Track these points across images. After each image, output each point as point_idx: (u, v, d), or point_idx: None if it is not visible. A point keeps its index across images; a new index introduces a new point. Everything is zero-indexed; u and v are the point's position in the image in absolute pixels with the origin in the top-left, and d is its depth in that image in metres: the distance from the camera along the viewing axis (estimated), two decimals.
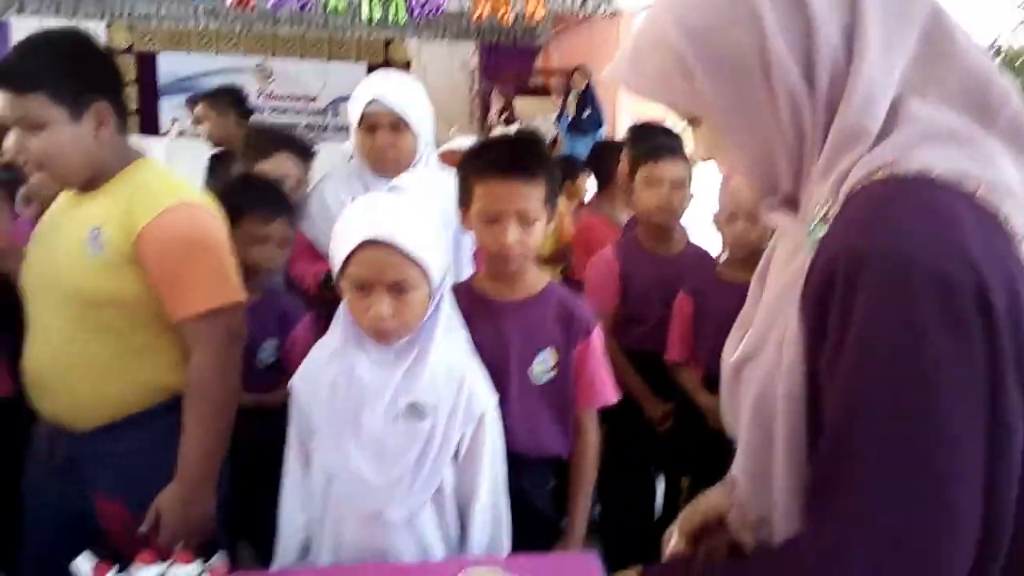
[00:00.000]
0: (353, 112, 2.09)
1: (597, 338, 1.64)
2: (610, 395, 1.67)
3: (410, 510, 1.38)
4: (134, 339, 1.55)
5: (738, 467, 0.89)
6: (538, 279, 1.65)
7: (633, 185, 2.32)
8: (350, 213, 1.39)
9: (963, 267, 0.66)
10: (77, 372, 1.53)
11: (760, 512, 0.86)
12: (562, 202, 3.21)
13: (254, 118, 3.99)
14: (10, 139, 1.48)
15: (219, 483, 1.56)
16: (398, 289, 1.33)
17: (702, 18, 0.80)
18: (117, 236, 1.49)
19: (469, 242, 2.02)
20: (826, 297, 0.72)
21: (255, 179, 2.14)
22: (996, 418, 0.67)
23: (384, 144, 2.05)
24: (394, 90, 2.06)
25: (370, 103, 2.03)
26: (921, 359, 0.66)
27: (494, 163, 1.54)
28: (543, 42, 10.38)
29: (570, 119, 7.55)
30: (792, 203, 0.85)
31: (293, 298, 2.13)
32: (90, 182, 1.55)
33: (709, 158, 0.92)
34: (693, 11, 0.80)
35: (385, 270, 1.32)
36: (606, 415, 2.26)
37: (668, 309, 2.20)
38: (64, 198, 1.65)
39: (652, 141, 2.43)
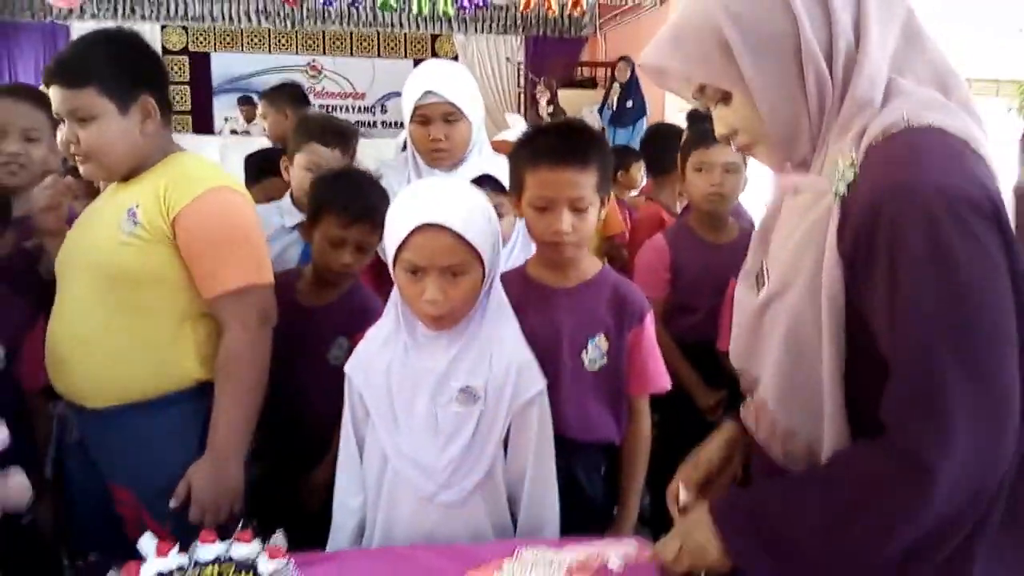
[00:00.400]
0: (406, 106, 2.08)
1: (650, 324, 1.64)
2: (663, 382, 1.67)
3: (462, 493, 1.40)
4: (157, 323, 1.58)
5: (766, 391, 1.03)
6: (591, 265, 1.65)
7: (684, 172, 2.30)
8: (404, 199, 1.41)
9: (980, 189, 0.85)
10: (94, 348, 1.58)
11: (789, 428, 1.01)
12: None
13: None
14: (61, 132, 1.56)
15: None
16: (451, 273, 1.34)
17: (746, 7, 0.94)
18: (153, 214, 1.55)
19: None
20: (872, 229, 0.87)
21: (345, 177, 1.97)
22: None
23: (438, 136, 2.04)
24: (445, 81, 2.06)
25: (423, 96, 2.03)
26: (974, 267, 0.83)
27: (547, 150, 1.54)
28: (589, 34, 10.33)
29: (613, 110, 7.50)
30: (804, 164, 1.01)
31: (372, 296, 1.98)
32: (132, 172, 1.62)
33: (731, 134, 1.04)
34: (736, 1, 0.94)
35: (439, 254, 1.33)
36: (657, 404, 2.25)
37: (720, 298, 2.16)
38: (107, 190, 1.72)
39: (703, 126, 2.39)
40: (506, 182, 1.64)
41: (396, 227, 1.36)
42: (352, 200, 1.83)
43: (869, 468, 0.91)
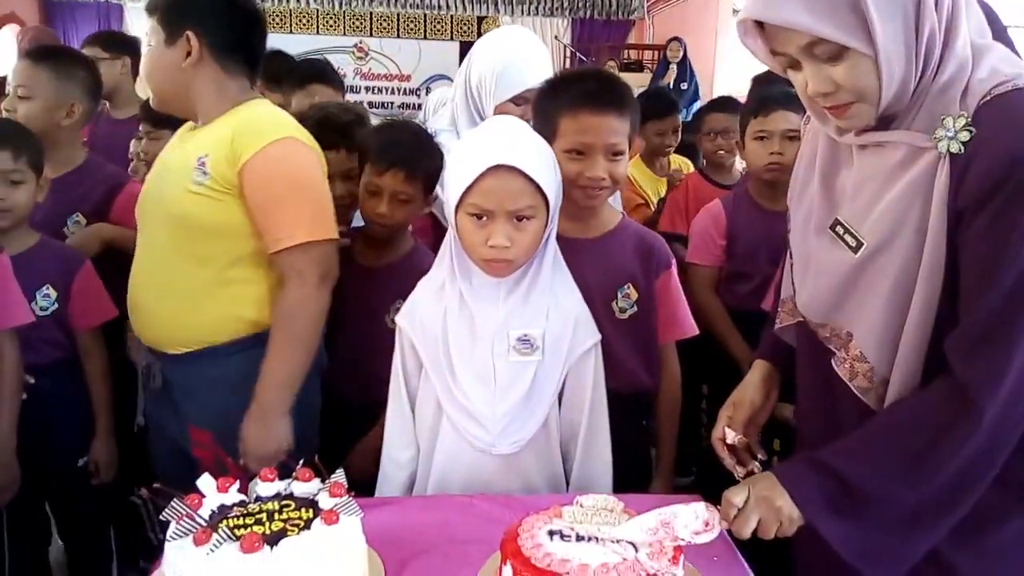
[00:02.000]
0: (509, 87, 2.01)
1: (675, 271, 1.66)
2: (690, 327, 1.69)
3: (518, 445, 1.39)
4: (225, 271, 1.60)
5: (865, 343, 1.08)
6: (612, 215, 1.66)
7: (743, 140, 2.26)
8: (469, 141, 1.39)
9: None
10: (169, 297, 1.62)
11: (884, 375, 1.06)
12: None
13: (350, 96, 4.02)
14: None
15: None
16: (518, 218, 1.32)
17: None
18: (222, 165, 1.55)
19: None
20: (1001, 184, 0.92)
21: (390, 128, 1.93)
22: None
23: (528, 116, 1.99)
24: (550, 71, 2.03)
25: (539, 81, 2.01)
26: None
27: (585, 96, 1.53)
28: (637, 17, 10.24)
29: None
30: (883, 121, 1.04)
31: (432, 257, 1.87)
32: (196, 115, 1.66)
33: (832, 92, 1.02)
34: None
35: (509, 197, 1.30)
36: (707, 376, 2.23)
37: (775, 267, 2.13)
38: (176, 136, 1.76)
39: (765, 91, 2.34)
40: None
41: (463, 169, 1.33)
42: (388, 148, 1.79)
43: (926, 406, 1.01)
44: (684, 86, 7.38)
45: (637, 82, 8.65)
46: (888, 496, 1.01)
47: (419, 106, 10.51)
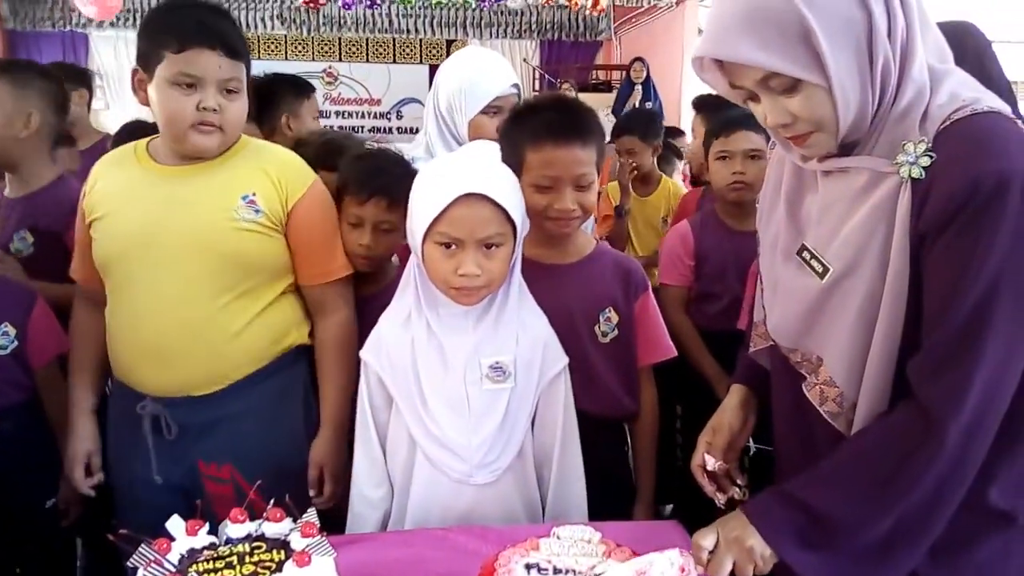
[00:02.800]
0: (478, 98, 2.00)
1: (651, 293, 1.67)
2: (669, 348, 1.69)
3: (496, 473, 1.38)
4: (265, 303, 1.61)
5: (834, 369, 1.08)
6: (587, 240, 1.66)
7: (707, 161, 2.29)
8: (435, 170, 1.38)
9: None
10: (206, 336, 1.55)
11: (854, 400, 1.07)
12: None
13: (320, 121, 4.01)
14: (207, 97, 1.50)
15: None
16: (488, 246, 1.32)
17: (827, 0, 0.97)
18: (273, 203, 1.58)
19: None
20: (962, 207, 0.93)
21: (366, 157, 1.87)
22: None
23: None
24: (515, 76, 2.07)
25: (509, 87, 2.01)
26: None
27: (548, 128, 1.51)
28: (604, 38, 10.35)
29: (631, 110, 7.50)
30: (845, 147, 1.06)
31: None
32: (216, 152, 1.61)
33: (791, 122, 1.04)
34: None
35: (479, 225, 1.30)
36: (679, 395, 2.24)
37: (744, 287, 2.15)
38: (141, 171, 1.60)
39: (723, 114, 2.36)
40: None
41: (430, 199, 1.32)
42: (369, 177, 1.75)
43: (890, 430, 1.02)
44: (648, 104, 7.46)
45: (606, 102, 8.73)
46: (857, 523, 1.01)
47: (390, 129, 10.53)
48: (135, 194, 1.59)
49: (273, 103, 3.02)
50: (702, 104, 3.16)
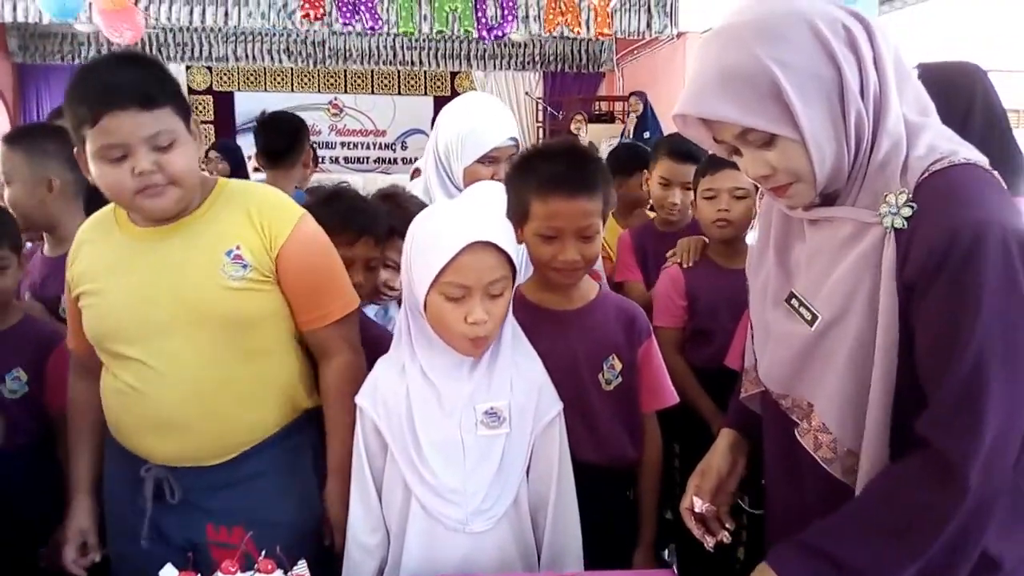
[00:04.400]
0: (477, 147, 2.02)
1: (654, 339, 1.66)
2: (672, 395, 1.69)
3: (493, 520, 1.37)
4: (271, 359, 1.54)
5: (827, 415, 1.10)
6: (590, 286, 1.66)
7: (695, 200, 2.31)
8: (436, 221, 1.37)
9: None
10: (217, 405, 1.48)
11: (849, 447, 1.08)
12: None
13: (326, 152, 4.12)
14: (139, 161, 1.37)
15: None
16: (493, 292, 1.32)
17: (794, 56, 1.01)
18: (259, 253, 1.48)
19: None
20: (944, 259, 0.96)
21: (338, 197, 1.83)
22: None
23: (501, 176, 1.98)
24: (515, 129, 2.09)
25: (507, 140, 2.03)
26: None
27: (554, 180, 1.50)
28: (607, 69, 10.43)
29: (630, 139, 7.57)
30: (828, 197, 1.10)
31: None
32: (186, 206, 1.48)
33: (770, 175, 1.09)
34: (787, 51, 1.01)
35: (486, 272, 1.31)
36: (676, 434, 2.24)
37: (736, 324, 2.16)
38: (123, 238, 1.52)
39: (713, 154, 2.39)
40: None
41: (436, 249, 1.30)
42: (351, 218, 1.73)
43: (909, 479, 1.03)
44: (647, 135, 7.54)
45: (608, 133, 8.79)
46: (882, 572, 1.03)
47: (395, 160, 10.61)
48: (120, 266, 1.50)
49: (300, 141, 3.11)
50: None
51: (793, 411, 1.17)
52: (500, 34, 5.78)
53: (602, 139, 8.46)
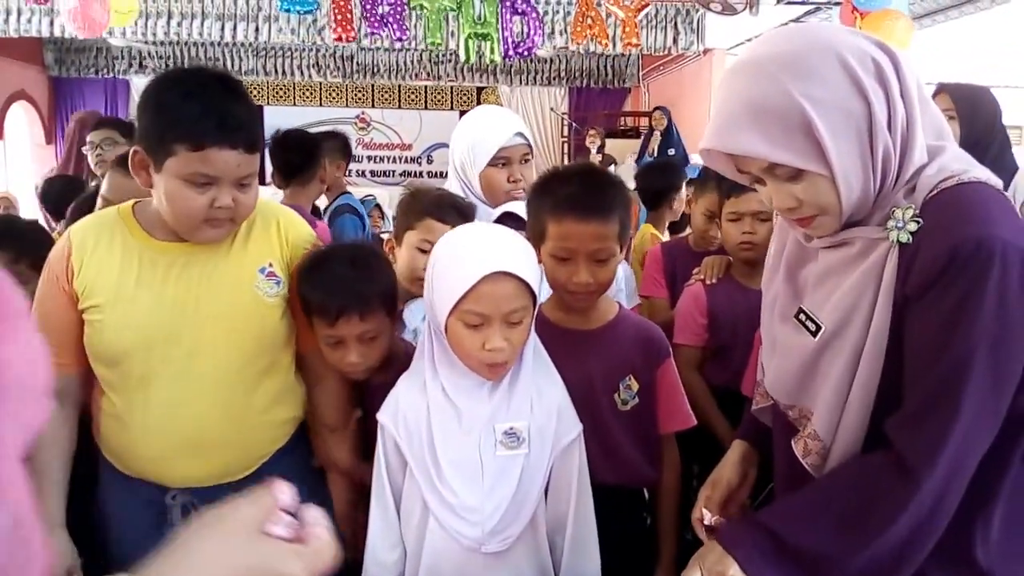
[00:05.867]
0: (485, 150, 2.02)
1: (672, 360, 1.66)
2: (690, 417, 1.68)
3: (509, 541, 1.37)
4: (283, 371, 1.57)
5: (820, 423, 1.11)
6: (609, 306, 1.66)
7: (720, 221, 2.31)
8: (459, 249, 1.37)
9: None
10: (246, 418, 1.50)
11: (839, 455, 1.10)
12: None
13: (353, 165, 4.19)
14: (222, 196, 1.39)
15: None
16: (512, 320, 1.33)
17: (825, 91, 1.00)
18: (285, 270, 1.52)
19: None
20: (945, 271, 0.97)
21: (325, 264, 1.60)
22: None
23: (517, 176, 2.03)
24: (522, 123, 2.10)
25: (512, 137, 2.03)
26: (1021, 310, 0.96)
27: (569, 202, 1.51)
28: (632, 85, 10.44)
29: (653, 157, 7.56)
30: (848, 224, 1.10)
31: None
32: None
33: (796, 207, 1.09)
34: (818, 87, 1.00)
35: (504, 301, 1.31)
36: (696, 455, 2.23)
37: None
38: (140, 248, 1.47)
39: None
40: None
41: (455, 278, 1.31)
42: (330, 295, 1.54)
43: (863, 471, 1.06)
44: (671, 151, 7.52)
45: (633, 148, 8.80)
46: (829, 555, 1.04)
47: (421, 174, 10.68)
48: (144, 278, 1.45)
49: (316, 157, 3.16)
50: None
51: (799, 421, 1.18)
52: (527, 50, 5.80)
53: (626, 154, 8.47)
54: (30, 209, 5.21)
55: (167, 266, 1.47)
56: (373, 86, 10.52)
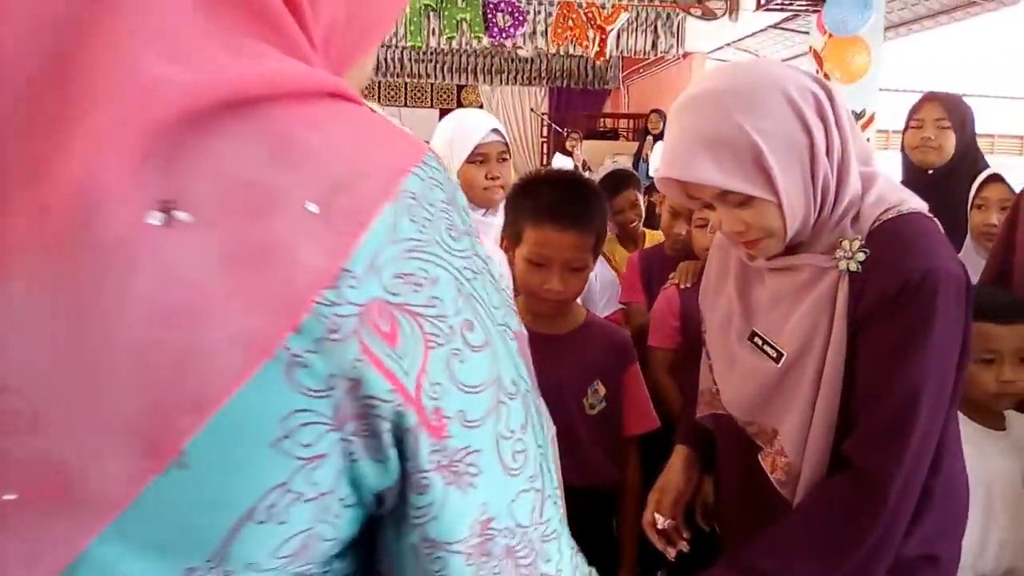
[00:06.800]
0: (462, 148, 2.04)
1: (637, 364, 1.71)
2: (654, 421, 1.72)
3: None
4: None
5: (786, 441, 1.18)
6: (579, 311, 1.69)
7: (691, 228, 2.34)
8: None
9: (964, 269, 1.10)
10: None
11: (799, 469, 1.17)
12: None
13: None
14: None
15: None
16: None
17: (772, 124, 1.08)
18: None
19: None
20: (895, 300, 1.07)
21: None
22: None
23: (495, 174, 2.04)
24: (497, 122, 2.12)
25: (488, 134, 2.03)
26: (959, 334, 1.09)
27: (551, 209, 1.54)
28: (612, 87, 10.50)
29: (647, 163, 7.59)
30: (789, 247, 1.18)
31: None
32: None
33: (744, 231, 1.16)
34: (766, 120, 1.08)
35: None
36: (666, 456, 2.26)
37: None
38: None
39: None
40: None
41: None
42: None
43: (834, 496, 1.13)
44: None
45: (612, 150, 8.85)
46: None
47: None
48: None
49: None
50: None
51: (759, 436, 1.25)
52: (509, 35, 5.79)
53: (606, 156, 8.51)
54: None
55: None
56: None
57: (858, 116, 4.82)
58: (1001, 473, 1.55)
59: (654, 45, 7.27)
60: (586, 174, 8.12)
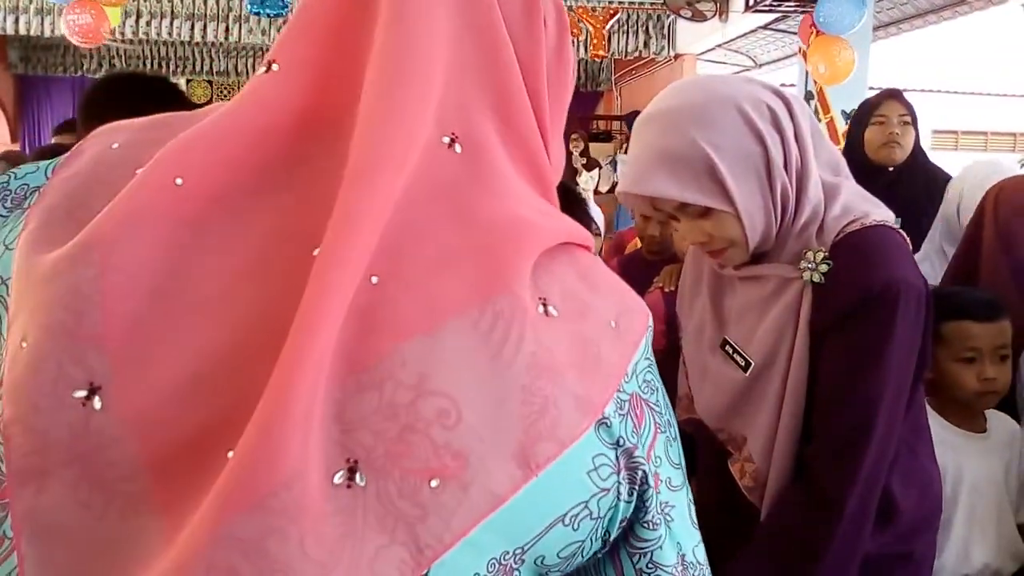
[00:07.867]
0: None
1: None
2: None
3: None
4: None
5: (754, 448, 1.21)
6: None
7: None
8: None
9: (923, 282, 1.13)
10: None
11: (771, 477, 1.19)
12: None
13: None
14: None
15: None
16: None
17: (725, 138, 1.11)
18: None
19: None
20: (856, 311, 1.09)
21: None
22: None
23: None
24: None
25: None
26: (917, 346, 1.13)
27: None
28: (605, 89, 10.50)
29: None
30: (756, 256, 1.21)
31: None
32: None
33: (706, 241, 1.19)
34: (719, 134, 1.11)
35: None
36: None
37: None
38: None
39: None
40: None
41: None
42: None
43: (792, 515, 1.16)
44: None
45: (605, 151, 8.85)
46: None
47: None
48: None
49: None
50: None
51: (729, 443, 1.28)
52: None
53: (600, 157, 8.52)
54: None
55: None
56: None
57: (848, 116, 4.82)
58: (984, 476, 1.55)
59: (646, 46, 7.28)
60: (592, 173, 8.15)
